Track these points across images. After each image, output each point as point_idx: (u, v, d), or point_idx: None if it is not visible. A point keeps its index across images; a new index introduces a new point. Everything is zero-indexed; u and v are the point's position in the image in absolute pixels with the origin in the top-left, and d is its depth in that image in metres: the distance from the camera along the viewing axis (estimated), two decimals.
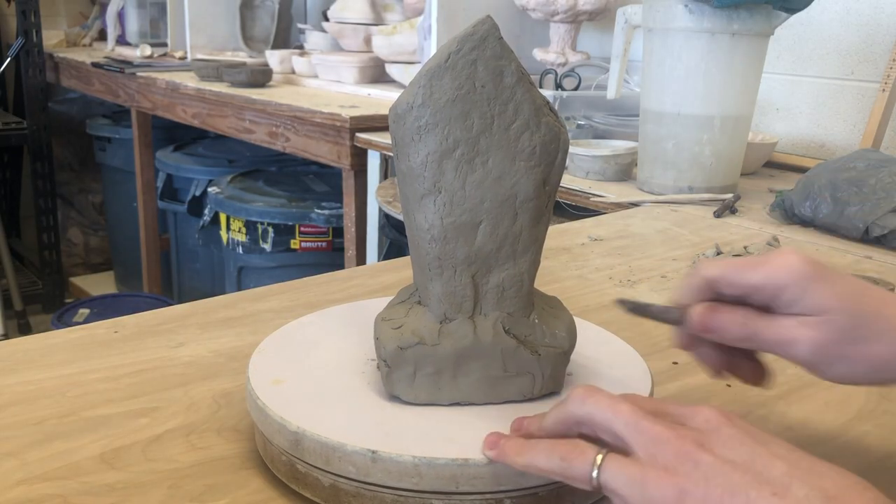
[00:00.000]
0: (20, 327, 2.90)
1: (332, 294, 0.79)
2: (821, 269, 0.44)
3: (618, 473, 0.37)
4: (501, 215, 0.48)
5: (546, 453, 0.40)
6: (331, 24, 2.19)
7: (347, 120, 1.62)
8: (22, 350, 0.64)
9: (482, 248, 0.48)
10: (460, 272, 0.48)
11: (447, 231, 0.48)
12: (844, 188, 1.04)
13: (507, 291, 0.49)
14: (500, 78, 0.47)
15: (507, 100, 0.47)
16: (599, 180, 1.32)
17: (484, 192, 0.47)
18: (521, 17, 1.86)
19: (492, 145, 0.47)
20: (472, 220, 0.48)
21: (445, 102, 0.47)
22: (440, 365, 0.48)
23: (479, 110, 0.47)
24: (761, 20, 1.16)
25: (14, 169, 3.35)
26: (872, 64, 1.48)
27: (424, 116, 0.47)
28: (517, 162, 0.47)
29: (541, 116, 0.48)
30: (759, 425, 0.57)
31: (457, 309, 0.49)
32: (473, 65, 0.47)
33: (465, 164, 0.47)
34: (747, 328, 0.44)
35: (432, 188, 0.47)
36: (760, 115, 1.62)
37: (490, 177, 0.47)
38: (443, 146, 0.47)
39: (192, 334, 0.68)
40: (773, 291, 0.44)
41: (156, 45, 2.79)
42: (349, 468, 0.44)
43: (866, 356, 0.43)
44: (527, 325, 0.49)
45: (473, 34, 0.47)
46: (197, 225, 2.39)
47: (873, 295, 0.44)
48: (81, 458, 0.50)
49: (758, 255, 0.46)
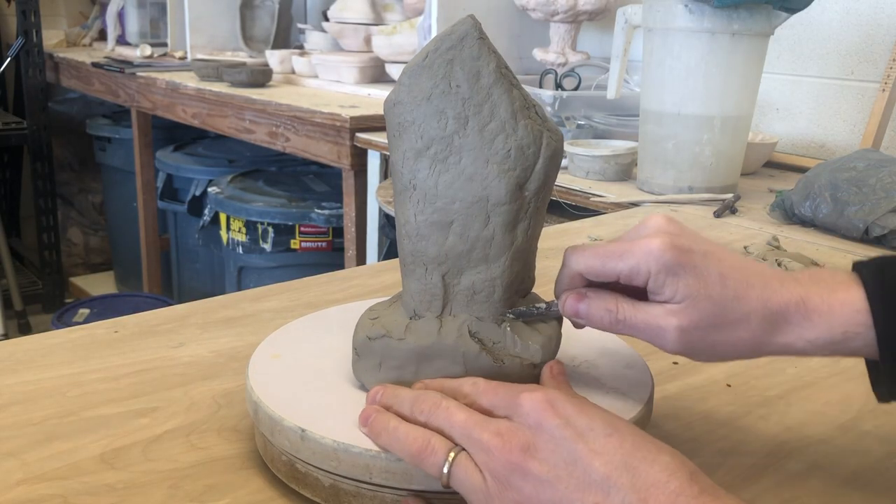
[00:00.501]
0: (20, 327, 2.89)
1: (332, 294, 0.79)
2: (683, 254, 0.44)
3: (464, 480, 0.40)
4: (472, 217, 0.47)
5: (402, 443, 0.42)
6: (331, 24, 2.19)
7: (347, 120, 1.62)
8: (22, 350, 0.64)
9: (453, 249, 0.48)
10: (430, 270, 0.48)
11: (420, 228, 0.48)
12: (844, 188, 1.04)
13: (477, 295, 0.48)
14: (477, 78, 0.47)
15: (483, 101, 0.47)
16: (599, 180, 1.32)
17: (455, 192, 0.47)
18: (521, 17, 1.86)
19: (465, 146, 0.47)
20: (444, 219, 0.47)
21: (421, 100, 0.47)
22: (403, 359, 0.48)
23: (454, 110, 0.47)
24: (761, 20, 1.16)
25: (14, 169, 3.35)
26: (872, 64, 1.48)
27: (403, 114, 0.47)
28: (490, 164, 0.47)
29: (519, 119, 0.47)
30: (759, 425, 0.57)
31: (426, 307, 0.49)
32: (450, 64, 0.47)
33: (438, 162, 0.47)
34: (615, 316, 0.46)
35: (408, 185, 0.48)
36: (760, 115, 1.62)
37: (462, 177, 0.47)
38: (417, 144, 0.47)
39: (192, 334, 0.68)
40: (637, 279, 0.44)
41: (156, 45, 2.79)
42: (284, 442, 0.46)
43: (731, 342, 0.45)
44: (497, 332, 0.48)
45: (451, 34, 0.47)
46: (197, 225, 2.39)
47: (736, 277, 0.44)
48: (81, 458, 0.50)
49: (624, 240, 0.46)
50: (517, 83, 0.48)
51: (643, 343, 0.66)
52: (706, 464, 0.51)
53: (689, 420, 0.57)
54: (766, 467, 0.52)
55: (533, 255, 0.50)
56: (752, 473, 0.51)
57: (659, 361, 0.65)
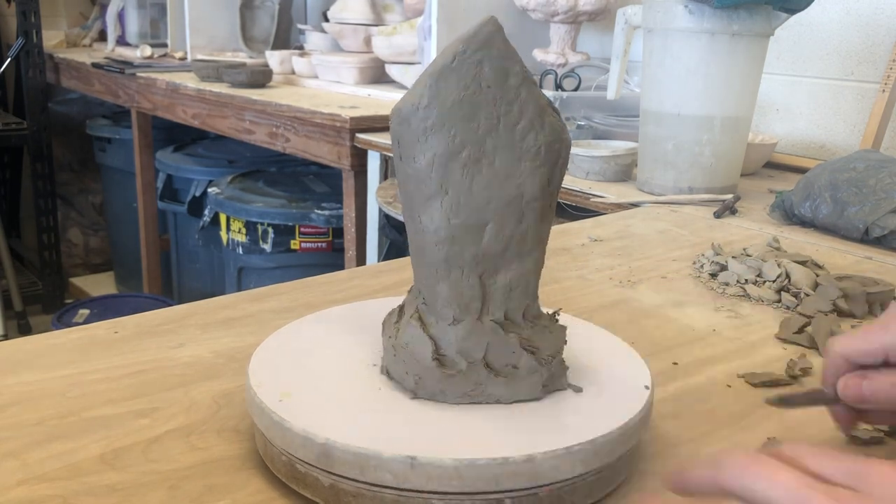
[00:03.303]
0: (20, 328, 2.89)
1: (333, 294, 0.79)
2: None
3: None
4: (508, 216, 0.48)
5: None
6: (331, 24, 2.19)
7: (347, 120, 1.62)
8: (22, 350, 0.64)
9: (489, 249, 0.48)
10: (467, 273, 0.48)
11: (454, 232, 0.48)
12: (844, 189, 1.04)
13: (513, 291, 0.49)
14: (506, 78, 0.47)
15: (513, 100, 0.47)
16: (599, 181, 1.32)
17: (490, 192, 0.47)
18: (521, 18, 1.86)
19: (498, 146, 0.47)
20: (479, 220, 0.48)
21: (452, 103, 0.46)
22: None
23: (486, 111, 0.47)
24: (761, 21, 1.16)
25: (14, 169, 3.35)
26: (872, 64, 1.48)
27: (431, 118, 0.46)
28: (523, 162, 0.47)
29: (545, 116, 0.48)
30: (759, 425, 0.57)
31: (464, 310, 0.49)
32: (479, 65, 0.46)
33: (471, 164, 0.47)
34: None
35: (439, 189, 0.47)
36: (760, 116, 1.62)
37: (497, 177, 0.47)
38: (450, 147, 0.47)
39: (192, 335, 0.68)
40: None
41: (156, 46, 2.79)
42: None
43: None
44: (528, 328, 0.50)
45: (478, 34, 0.47)
46: (197, 225, 2.39)
47: None
48: (81, 458, 0.50)
49: (881, 317, 0.47)
50: (535, 81, 0.49)
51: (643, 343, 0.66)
52: None
53: (689, 420, 0.57)
54: None
55: None
56: None
57: (659, 362, 0.65)
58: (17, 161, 3.32)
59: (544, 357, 0.49)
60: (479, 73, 0.46)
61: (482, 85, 0.47)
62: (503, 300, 0.49)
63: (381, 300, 0.62)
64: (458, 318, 0.49)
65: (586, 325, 0.60)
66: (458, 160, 0.47)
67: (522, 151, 0.47)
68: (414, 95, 0.47)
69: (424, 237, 0.48)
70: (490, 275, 0.49)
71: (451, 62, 0.46)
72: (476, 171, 0.47)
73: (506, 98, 0.47)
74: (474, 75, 0.46)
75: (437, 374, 0.48)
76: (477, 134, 0.47)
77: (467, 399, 0.48)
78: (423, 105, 0.47)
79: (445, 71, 0.47)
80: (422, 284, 0.50)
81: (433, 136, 0.47)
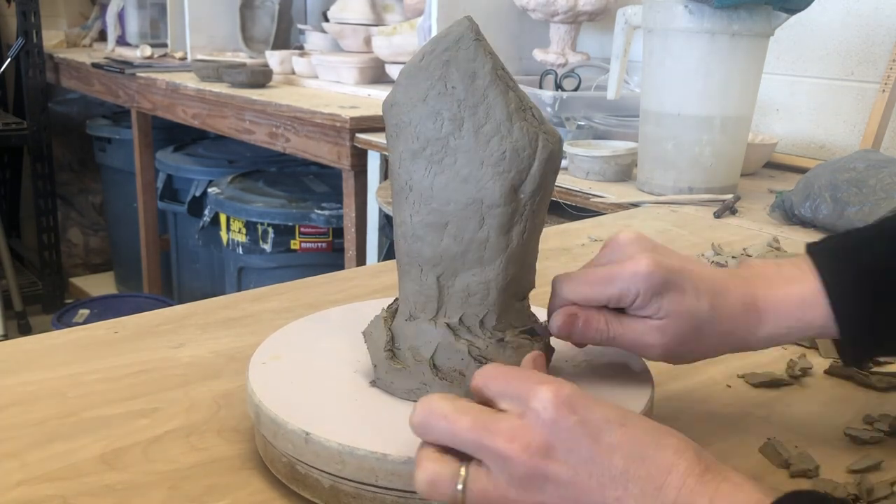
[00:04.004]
0: (20, 328, 2.89)
1: (333, 295, 0.79)
2: (665, 273, 0.48)
3: (480, 496, 0.39)
4: (467, 219, 0.47)
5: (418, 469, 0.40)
6: (331, 24, 2.19)
7: (347, 120, 1.62)
8: (22, 351, 0.64)
9: (447, 250, 0.48)
10: (426, 271, 0.48)
11: (415, 229, 0.48)
12: (844, 189, 1.04)
13: (471, 297, 0.48)
14: (473, 80, 0.46)
15: (478, 102, 0.46)
16: (599, 181, 1.32)
17: (450, 193, 0.47)
18: (521, 18, 1.86)
19: (460, 147, 0.46)
20: (439, 220, 0.47)
21: (417, 101, 0.47)
22: None
23: (450, 111, 0.46)
24: (761, 21, 1.16)
25: (14, 169, 3.35)
26: (872, 64, 1.48)
27: (399, 115, 0.47)
28: (485, 166, 0.46)
29: (515, 121, 0.46)
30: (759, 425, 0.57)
31: (421, 308, 0.49)
32: (446, 65, 0.47)
33: (434, 164, 0.47)
34: (606, 334, 0.49)
35: (405, 185, 0.48)
36: (760, 116, 1.62)
37: (457, 178, 0.47)
38: (413, 144, 0.47)
39: (192, 335, 0.68)
40: (625, 301, 0.48)
41: (156, 46, 2.79)
42: (286, 444, 0.46)
43: (705, 348, 0.50)
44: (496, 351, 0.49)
45: (447, 35, 0.47)
46: (197, 225, 2.39)
47: (707, 287, 0.49)
48: (82, 458, 0.50)
49: (608, 265, 0.50)
50: (514, 85, 0.48)
51: None
52: None
53: (689, 420, 0.57)
54: (767, 468, 0.52)
55: (532, 258, 0.50)
56: (753, 474, 0.51)
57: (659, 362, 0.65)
58: (17, 161, 3.32)
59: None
60: (446, 73, 0.46)
61: (447, 85, 0.46)
62: (460, 305, 0.48)
63: (381, 300, 0.62)
64: (414, 315, 0.49)
65: None
66: (421, 158, 0.47)
67: (485, 155, 0.46)
68: (390, 93, 0.48)
69: (395, 231, 0.49)
70: (448, 277, 0.48)
71: (420, 61, 0.47)
72: (438, 171, 0.47)
73: (470, 100, 0.46)
74: (440, 75, 0.46)
75: (387, 366, 0.49)
76: (440, 133, 0.47)
77: (413, 396, 0.49)
78: (394, 102, 0.48)
79: (413, 69, 0.47)
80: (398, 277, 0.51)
81: (401, 132, 0.48)
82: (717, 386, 0.63)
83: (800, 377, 0.64)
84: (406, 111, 0.47)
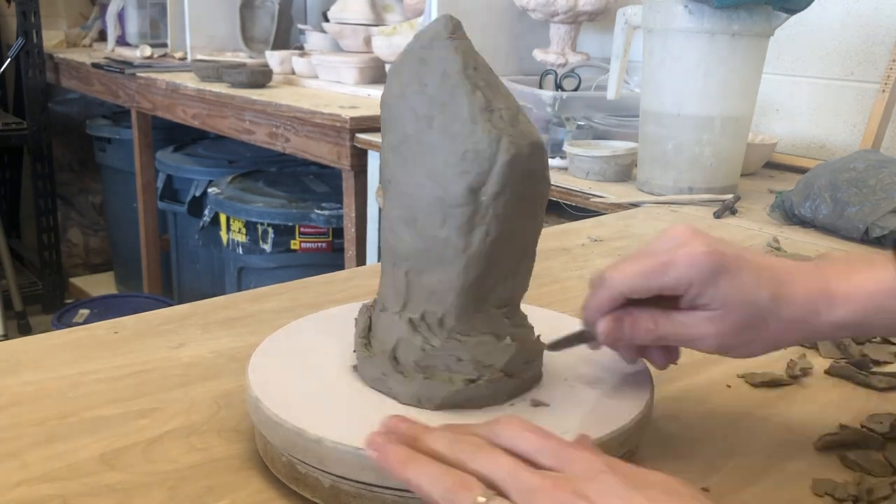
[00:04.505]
0: (20, 328, 2.89)
1: (333, 295, 0.79)
2: (722, 260, 0.46)
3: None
4: (431, 216, 0.47)
5: (432, 478, 0.37)
6: (331, 24, 2.19)
7: (347, 120, 1.62)
8: (22, 351, 0.64)
9: (414, 246, 0.48)
10: (398, 265, 0.49)
11: (392, 223, 0.49)
12: (844, 189, 1.04)
13: (433, 295, 0.48)
14: (444, 78, 0.47)
15: (447, 101, 0.46)
16: (599, 181, 1.32)
17: (418, 189, 0.47)
18: (521, 18, 1.86)
19: (430, 144, 0.47)
20: (409, 215, 0.48)
21: (398, 98, 0.48)
22: None
23: (423, 109, 0.47)
24: (761, 21, 1.16)
25: (14, 169, 3.34)
26: (872, 64, 1.48)
27: (384, 110, 0.49)
28: (447, 165, 0.46)
29: (478, 121, 0.46)
30: (758, 426, 0.57)
31: (391, 301, 0.50)
32: (422, 63, 0.47)
33: (408, 159, 0.48)
34: (655, 332, 0.47)
35: (387, 179, 0.49)
36: (760, 116, 1.62)
37: (423, 175, 0.47)
38: (393, 140, 0.48)
39: (192, 335, 0.68)
40: (679, 291, 0.46)
41: (156, 46, 2.79)
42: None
43: (763, 338, 0.48)
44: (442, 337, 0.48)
45: (426, 33, 0.48)
46: (197, 225, 2.39)
47: (767, 276, 0.47)
48: (82, 458, 0.50)
49: (661, 253, 0.47)
50: (487, 84, 0.47)
51: None
52: (706, 465, 0.51)
53: (689, 420, 0.57)
54: (767, 468, 0.52)
55: (507, 264, 0.49)
56: (753, 474, 0.51)
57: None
58: (17, 161, 3.32)
59: None
60: (421, 70, 0.47)
61: (421, 82, 0.47)
62: (423, 301, 0.49)
63: None
64: (386, 307, 0.50)
65: None
66: (398, 153, 0.48)
67: (449, 154, 0.46)
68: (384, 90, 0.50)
69: (381, 224, 0.51)
70: (416, 273, 0.49)
71: (402, 58, 0.48)
72: (412, 166, 0.48)
73: (440, 98, 0.46)
74: (416, 73, 0.47)
75: (360, 353, 0.51)
76: (414, 129, 0.47)
77: (377, 385, 0.50)
78: (383, 98, 0.49)
79: (396, 66, 0.48)
80: None
81: (386, 127, 0.49)
82: (717, 386, 0.63)
83: (800, 377, 0.64)
84: (388, 107, 0.49)
